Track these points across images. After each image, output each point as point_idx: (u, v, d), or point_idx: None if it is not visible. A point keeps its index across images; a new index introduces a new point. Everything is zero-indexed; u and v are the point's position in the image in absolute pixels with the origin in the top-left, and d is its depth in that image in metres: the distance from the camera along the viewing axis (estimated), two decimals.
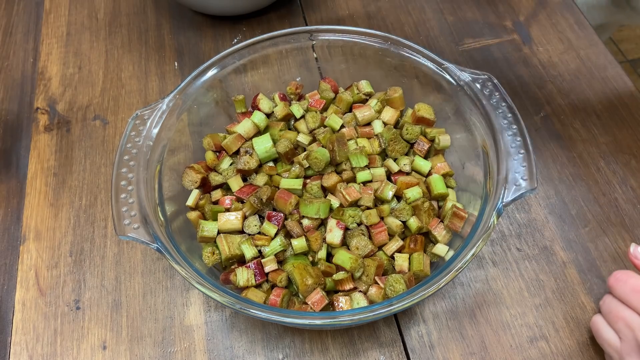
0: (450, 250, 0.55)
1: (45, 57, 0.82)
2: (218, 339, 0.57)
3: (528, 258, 0.61)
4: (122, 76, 0.80)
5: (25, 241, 0.65)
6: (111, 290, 0.61)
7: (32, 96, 0.78)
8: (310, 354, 0.56)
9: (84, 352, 0.57)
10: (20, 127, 0.75)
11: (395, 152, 0.62)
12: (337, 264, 0.54)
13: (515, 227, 0.64)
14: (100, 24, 0.86)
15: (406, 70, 0.64)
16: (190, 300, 0.60)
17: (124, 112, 0.76)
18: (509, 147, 0.53)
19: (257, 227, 0.57)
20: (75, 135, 0.73)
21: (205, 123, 0.65)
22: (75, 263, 0.63)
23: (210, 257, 0.55)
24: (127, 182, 0.53)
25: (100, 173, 0.70)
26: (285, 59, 0.68)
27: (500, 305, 0.58)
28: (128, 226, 0.51)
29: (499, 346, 0.56)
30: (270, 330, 0.57)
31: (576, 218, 0.64)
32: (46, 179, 0.70)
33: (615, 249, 0.62)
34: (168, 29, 0.85)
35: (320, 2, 0.88)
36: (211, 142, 0.63)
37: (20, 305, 0.60)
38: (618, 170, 0.67)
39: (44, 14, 0.88)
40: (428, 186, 0.59)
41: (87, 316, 0.59)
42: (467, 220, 0.55)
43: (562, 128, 0.71)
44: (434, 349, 0.56)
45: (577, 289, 0.59)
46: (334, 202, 0.57)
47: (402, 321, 0.58)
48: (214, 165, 0.63)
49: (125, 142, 0.56)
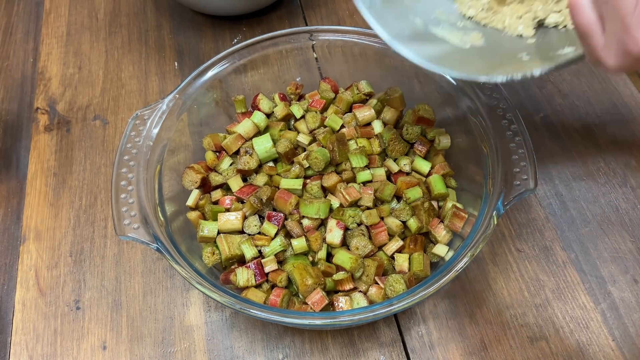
0: (450, 250, 0.55)
1: (45, 57, 0.82)
2: (218, 339, 0.57)
3: (528, 258, 0.61)
4: (122, 76, 0.80)
5: (25, 241, 0.65)
6: (111, 290, 0.61)
7: (32, 96, 0.78)
8: (310, 354, 0.56)
9: (84, 352, 0.57)
10: (20, 127, 0.75)
11: (395, 152, 0.62)
12: (337, 264, 0.54)
13: (515, 227, 0.64)
14: (100, 24, 0.86)
15: (406, 70, 0.64)
16: (190, 300, 0.60)
17: (124, 112, 0.76)
18: (509, 147, 0.53)
19: (257, 227, 0.57)
20: (75, 135, 0.73)
21: (205, 123, 0.65)
22: (75, 263, 0.63)
23: (210, 257, 0.55)
24: (127, 182, 0.53)
25: (100, 173, 0.70)
26: (285, 59, 0.68)
27: (500, 305, 0.58)
28: (128, 226, 0.51)
29: (499, 346, 0.56)
30: (270, 330, 0.57)
31: (576, 218, 0.64)
32: (46, 179, 0.70)
33: (616, 249, 0.62)
34: (168, 29, 0.85)
35: (320, 2, 0.88)
36: (211, 142, 0.63)
37: (20, 305, 0.60)
38: (618, 170, 0.67)
39: (44, 14, 0.88)
40: (428, 186, 0.59)
41: (87, 316, 0.59)
42: (467, 220, 0.55)
43: (562, 128, 0.71)
44: (434, 349, 0.56)
45: (577, 289, 0.59)
46: (334, 202, 0.57)
47: (402, 321, 0.58)
48: (214, 165, 0.63)
49: (125, 142, 0.56)
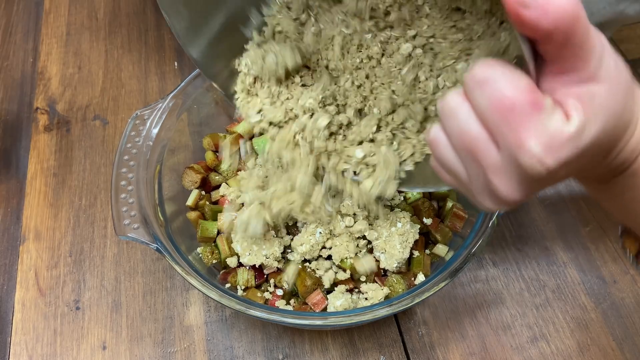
0: (450, 250, 0.55)
1: (45, 57, 0.82)
2: (218, 339, 0.57)
3: (528, 258, 0.61)
4: (122, 76, 0.79)
5: (25, 241, 0.65)
6: (111, 290, 0.61)
7: (32, 96, 0.78)
8: (310, 354, 0.56)
9: (83, 352, 0.57)
10: (20, 127, 0.75)
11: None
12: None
13: (516, 227, 0.64)
14: (100, 24, 0.86)
15: None
16: (190, 300, 0.60)
17: (123, 112, 0.75)
18: None
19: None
20: (75, 135, 0.73)
21: (205, 123, 0.65)
22: (75, 263, 0.63)
23: (210, 257, 0.55)
24: (127, 182, 0.53)
25: (100, 173, 0.70)
26: None
27: (500, 306, 0.58)
28: (128, 226, 0.51)
29: (499, 346, 0.56)
30: (270, 330, 0.57)
31: (576, 218, 0.64)
32: (46, 179, 0.70)
33: (616, 248, 0.62)
34: (168, 29, 0.85)
35: None
36: (211, 142, 0.63)
37: (20, 305, 0.60)
38: None
39: (43, 14, 0.88)
40: None
41: (87, 316, 0.59)
42: (467, 220, 0.55)
43: None
44: (434, 349, 0.56)
45: (577, 289, 0.59)
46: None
47: (402, 321, 0.58)
48: (214, 165, 0.63)
49: (125, 142, 0.56)
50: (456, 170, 0.30)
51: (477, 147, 0.27)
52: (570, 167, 0.26)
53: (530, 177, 0.26)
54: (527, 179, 0.26)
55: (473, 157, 0.28)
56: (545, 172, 0.25)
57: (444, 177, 0.33)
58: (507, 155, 0.26)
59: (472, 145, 0.27)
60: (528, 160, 0.25)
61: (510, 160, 0.26)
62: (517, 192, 0.27)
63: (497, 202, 0.29)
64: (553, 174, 0.25)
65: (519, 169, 0.25)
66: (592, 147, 0.25)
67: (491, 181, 0.27)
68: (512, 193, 0.27)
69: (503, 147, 0.26)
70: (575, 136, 0.24)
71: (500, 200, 0.28)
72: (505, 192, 0.27)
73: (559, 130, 0.24)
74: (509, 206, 0.29)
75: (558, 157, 0.24)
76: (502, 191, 0.27)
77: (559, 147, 0.24)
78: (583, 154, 0.25)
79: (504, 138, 0.25)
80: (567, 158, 0.25)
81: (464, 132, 0.27)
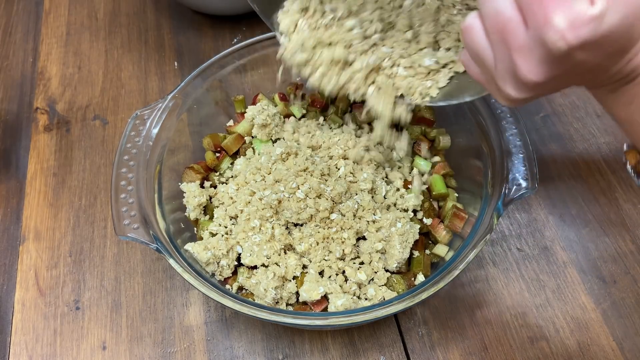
0: (451, 250, 0.55)
1: (44, 57, 0.82)
2: (218, 339, 0.57)
3: (528, 258, 0.61)
4: (121, 76, 0.79)
5: (24, 241, 0.65)
6: (111, 290, 0.61)
7: (32, 96, 0.78)
8: (310, 354, 0.56)
9: (83, 353, 0.57)
10: (20, 127, 0.75)
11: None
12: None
13: (516, 227, 0.64)
14: (100, 24, 0.86)
15: None
16: (190, 300, 0.60)
17: (123, 112, 0.75)
18: (509, 147, 0.53)
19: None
20: (75, 135, 0.73)
21: (205, 123, 0.65)
22: (75, 263, 0.63)
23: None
24: (127, 182, 0.53)
25: (100, 173, 0.70)
26: None
27: (500, 306, 0.58)
28: (128, 226, 0.51)
29: (500, 346, 0.56)
30: (270, 330, 0.57)
31: (576, 218, 0.64)
32: (46, 179, 0.69)
33: (616, 248, 0.62)
34: (168, 29, 0.85)
35: None
36: (211, 142, 0.63)
37: (20, 305, 0.60)
38: (618, 170, 0.67)
39: (43, 14, 0.88)
40: (428, 186, 0.59)
41: (86, 316, 0.59)
42: (467, 220, 0.55)
43: (562, 128, 0.71)
44: (434, 349, 0.56)
45: (577, 289, 0.59)
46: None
47: (402, 321, 0.58)
48: (214, 165, 0.63)
49: (125, 142, 0.56)
50: (484, 56, 0.34)
51: (509, 27, 0.30)
52: (589, 54, 0.29)
53: (552, 55, 0.29)
54: (549, 57, 0.29)
55: (503, 37, 0.31)
56: (566, 48, 0.28)
57: (470, 69, 0.37)
58: (533, 34, 0.29)
59: (504, 25, 0.31)
60: (552, 36, 0.28)
61: (536, 39, 0.29)
62: (537, 73, 0.31)
63: (517, 87, 0.33)
64: (572, 55, 0.29)
65: (543, 47, 0.29)
66: (610, 37, 0.29)
67: (515, 62, 0.31)
68: (532, 73, 0.31)
69: (531, 25, 0.29)
70: (597, 18, 0.28)
71: (520, 83, 0.32)
72: (527, 72, 0.31)
73: (583, 12, 0.27)
74: (528, 93, 0.33)
75: (579, 35, 0.28)
76: (523, 71, 0.31)
77: (581, 25, 0.28)
78: (601, 41, 0.28)
79: (533, 15, 0.29)
80: (587, 38, 0.28)
81: (499, 13, 0.31)
